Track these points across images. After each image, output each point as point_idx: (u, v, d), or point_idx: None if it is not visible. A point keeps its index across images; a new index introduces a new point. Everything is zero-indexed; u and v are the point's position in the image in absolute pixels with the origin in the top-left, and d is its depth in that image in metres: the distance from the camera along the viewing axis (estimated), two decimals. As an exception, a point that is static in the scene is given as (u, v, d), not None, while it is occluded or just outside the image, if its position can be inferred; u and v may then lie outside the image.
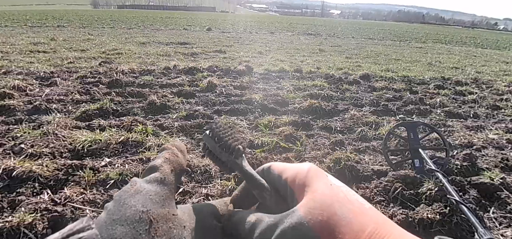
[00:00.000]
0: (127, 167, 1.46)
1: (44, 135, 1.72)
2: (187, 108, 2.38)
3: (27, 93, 2.55)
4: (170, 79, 3.31)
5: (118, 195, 0.27)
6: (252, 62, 4.65)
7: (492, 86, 3.85)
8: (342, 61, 5.61)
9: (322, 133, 2.07)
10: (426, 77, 4.30)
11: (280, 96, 2.83)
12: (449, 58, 6.95)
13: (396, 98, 3.06)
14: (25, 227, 1.00)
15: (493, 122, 2.52)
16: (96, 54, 4.74)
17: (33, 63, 3.76)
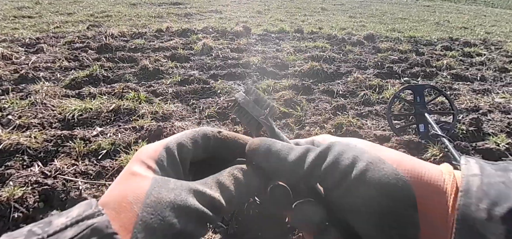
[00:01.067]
0: (120, 136, 1.40)
1: (32, 105, 1.64)
2: (182, 73, 2.26)
3: (13, 61, 2.41)
4: (162, 42, 3.13)
5: None
6: (250, 23, 4.39)
7: (501, 47, 3.67)
8: (346, 20, 5.31)
9: (323, 97, 1.99)
10: (433, 37, 4.09)
11: (280, 58, 2.69)
12: (457, 18, 6.59)
13: (401, 60, 2.92)
14: (15, 202, 0.97)
15: (501, 85, 2.42)
16: (83, 17, 4.46)
17: (18, 29, 3.54)
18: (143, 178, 0.22)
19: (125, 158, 1.22)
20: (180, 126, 1.48)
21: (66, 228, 0.17)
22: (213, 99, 1.88)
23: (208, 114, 1.67)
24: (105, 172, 1.17)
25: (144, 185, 0.21)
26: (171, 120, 1.60)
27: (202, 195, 0.22)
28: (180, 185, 0.22)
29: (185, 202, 0.21)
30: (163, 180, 0.22)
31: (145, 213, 0.19)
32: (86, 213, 0.18)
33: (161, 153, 0.24)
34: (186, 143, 0.26)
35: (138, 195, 0.20)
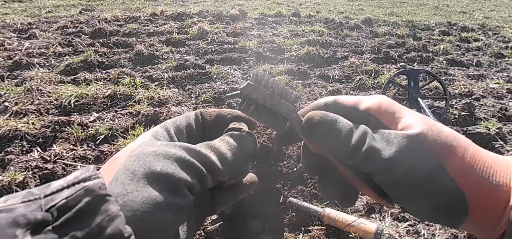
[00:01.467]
0: (117, 121, 1.42)
1: (28, 92, 1.64)
2: (177, 58, 2.25)
3: (5, 48, 2.37)
4: (157, 26, 3.08)
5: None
6: (246, 6, 4.31)
7: (499, 32, 3.66)
8: (344, 3, 5.23)
9: (319, 82, 2.00)
10: (431, 22, 4.06)
11: (276, 43, 2.67)
12: (457, 2, 6.51)
13: (398, 44, 2.91)
14: (16, 186, 0.99)
15: (495, 71, 2.44)
16: (75, 1, 4.35)
17: (9, 14, 3.46)
18: (135, 142, 0.23)
19: (123, 143, 1.24)
20: (177, 111, 1.50)
21: (62, 189, 0.17)
22: (209, 84, 1.88)
23: (204, 99, 1.68)
24: (104, 156, 1.19)
25: (132, 144, 0.22)
26: (167, 105, 1.61)
27: (188, 149, 0.22)
28: (166, 143, 0.22)
29: (167, 151, 0.21)
30: (152, 141, 0.23)
31: (127, 162, 0.20)
32: (83, 176, 0.18)
33: (157, 129, 0.25)
34: (179, 121, 0.28)
35: (125, 151, 0.21)
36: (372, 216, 1.00)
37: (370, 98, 0.28)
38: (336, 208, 0.99)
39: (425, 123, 0.24)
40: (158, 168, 0.20)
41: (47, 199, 0.17)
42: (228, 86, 1.83)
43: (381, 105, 0.27)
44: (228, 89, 1.78)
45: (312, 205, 0.98)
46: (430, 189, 0.22)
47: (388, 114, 0.26)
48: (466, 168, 0.22)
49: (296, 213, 0.97)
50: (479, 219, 0.22)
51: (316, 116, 0.26)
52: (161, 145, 0.22)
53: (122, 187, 0.19)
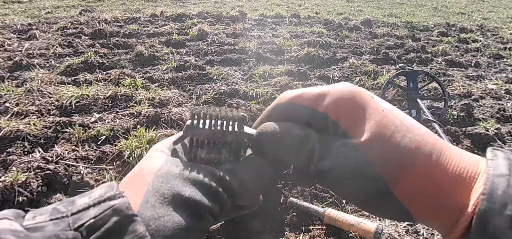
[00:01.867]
0: (118, 122, 1.42)
1: (29, 92, 1.64)
2: (177, 59, 2.26)
3: (6, 49, 2.37)
4: (157, 27, 3.08)
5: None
6: (246, 7, 4.33)
7: (497, 33, 3.68)
8: (343, 5, 5.25)
9: (319, 83, 2.01)
10: (430, 23, 4.08)
11: (276, 44, 2.68)
12: (455, 3, 6.54)
13: (397, 45, 2.93)
14: (19, 186, 1.00)
15: (494, 71, 2.46)
16: (75, 2, 4.35)
17: (8, 15, 3.45)
18: (156, 158, 0.23)
19: (125, 143, 1.24)
20: (177, 112, 1.50)
21: (88, 208, 0.18)
22: (210, 85, 1.89)
23: (204, 100, 1.69)
24: (105, 157, 1.20)
25: (157, 162, 0.22)
26: (168, 106, 1.62)
27: (211, 173, 0.22)
28: (191, 164, 0.23)
29: (193, 176, 0.22)
30: (175, 160, 0.23)
31: (156, 182, 0.20)
32: (108, 195, 0.18)
33: (175, 141, 0.25)
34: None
35: (151, 168, 0.22)
36: (371, 216, 1.01)
37: (333, 92, 0.24)
38: (337, 208, 1.00)
39: (377, 131, 0.21)
40: (186, 193, 0.20)
41: (74, 218, 0.17)
42: (229, 87, 1.84)
43: (341, 105, 0.23)
44: (228, 90, 1.79)
45: (312, 205, 0.99)
46: (373, 204, 0.22)
47: (347, 116, 0.23)
48: (417, 191, 0.20)
49: (297, 212, 0.98)
50: (430, 225, 0.21)
51: (264, 131, 0.25)
52: (187, 166, 0.22)
53: (153, 211, 0.19)
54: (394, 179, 0.20)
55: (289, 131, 0.24)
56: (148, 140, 1.27)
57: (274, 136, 0.25)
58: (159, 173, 0.21)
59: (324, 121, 0.24)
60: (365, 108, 0.23)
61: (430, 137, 0.21)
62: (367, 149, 0.21)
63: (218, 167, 0.24)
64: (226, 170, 0.24)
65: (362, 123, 0.22)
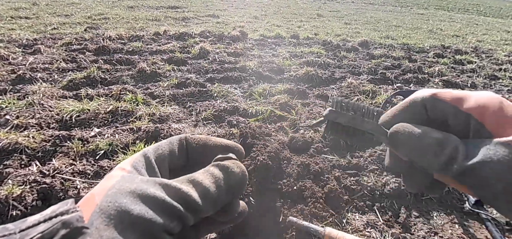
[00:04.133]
0: (117, 137, 1.42)
1: (30, 106, 1.65)
2: (179, 76, 2.29)
3: (10, 62, 2.41)
4: (160, 45, 3.16)
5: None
6: (247, 28, 4.45)
7: (492, 55, 3.78)
8: (341, 27, 5.41)
9: (317, 102, 2.04)
10: (426, 45, 4.19)
11: (276, 63, 2.74)
12: (450, 26, 6.75)
13: (394, 66, 2.99)
14: (14, 200, 0.98)
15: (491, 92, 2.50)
16: (81, 19, 4.47)
17: (15, 30, 3.54)
18: (113, 177, 0.21)
19: (123, 159, 1.24)
20: (177, 128, 1.51)
21: (38, 224, 0.17)
22: (210, 102, 1.91)
23: (204, 117, 1.70)
24: (103, 172, 1.19)
25: (111, 181, 0.21)
26: (168, 122, 1.62)
27: (168, 187, 0.21)
28: (146, 179, 0.21)
29: (145, 191, 0.20)
30: (131, 176, 0.21)
31: (104, 202, 0.19)
32: (60, 210, 0.18)
33: (138, 158, 0.24)
34: (162, 147, 0.26)
35: (102, 189, 0.20)
36: (372, 236, 0.99)
37: (476, 96, 0.24)
38: (337, 228, 0.99)
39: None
40: (134, 212, 0.19)
41: (22, 234, 0.16)
42: (229, 104, 1.85)
43: (486, 108, 0.23)
44: (228, 107, 1.81)
45: (312, 224, 0.97)
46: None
47: (494, 119, 0.22)
48: None
49: (296, 232, 0.96)
50: None
51: (400, 131, 0.25)
52: (141, 182, 0.20)
53: (97, 234, 0.17)
54: None
55: (427, 134, 0.24)
56: (146, 155, 1.26)
57: (410, 137, 0.24)
58: (109, 193, 0.19)
59: (465, 121, 0.24)
60: (510, 113, 0.22)
61: None
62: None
63: (174, 177, 0.23)
64: (185, 179, 0.22)
65: (507, 127, 0.22)
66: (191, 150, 0.28)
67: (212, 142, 0.28)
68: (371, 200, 1.15)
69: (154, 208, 0.19)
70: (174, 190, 0.21)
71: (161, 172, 0.25)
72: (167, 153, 0.26)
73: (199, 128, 1.59)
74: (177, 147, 0.27)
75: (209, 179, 0.23)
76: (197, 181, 0.22)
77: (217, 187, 0.23)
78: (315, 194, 1.07)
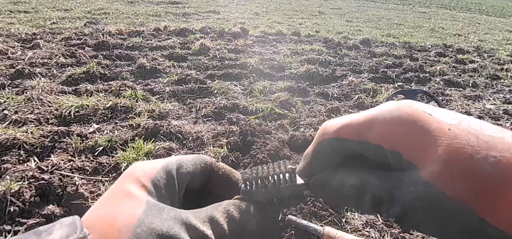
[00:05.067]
0: (117, 133, 1.41)
1: (29, 101, 1.64)
2: (179, 72, 2.28)
3: (8, 57, 2.40)
4: (160, 41, 3.14)
5: None
6: (247, 24, 4.43)
7: (494, 55, 3.76)
8: (342, 24, 5.38)
9: (318, 100, 2.02)
10: (427, 43, 4.17)
11: (276, 60, 2.72)
12: (452, 25, 6.71)
13: (396, 64, 2.97)
14: (12, 195, 0.98)
15: (492, 92, 2.49)
16: (81, 14, 4.44)
17: (14, 24, 3.51)
18: (136, 201, 0.20)
19: (122, 155, 1.23)
20: (177, 125, 1.50)
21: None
22: (210, 99, 1.90)
23: (204, 114, 1.69)
24: (102, 168, 1.18)
25: (136, 212, 0.19)
26: (167, 118, 1.61)
27: (194, 229, 0.20)
28: (174, 215, 0.20)
29: (177, 236, 0.19)
30: (158, 208, 0.20)
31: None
32: (70, 238, 0.16)
33: (159, 173, 0.22)
34: (186, 165, 0.24)
35: (128, 222, 0.18)
36: (372, 236, 0.99)
37: (380, 121, 0.21)
38: (336, 227, 0.98)
39: (450, 158, 0.17)
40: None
41: None
42: (229, 101, 1.84)
43: (394, 134, 0.20)
44: (228, 104, 1.80)
45: (311, 223, 0.97)
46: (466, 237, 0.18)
47: (407, 144, 0.19)
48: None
49: (295, 231, 0.96)
50: None
51: (317, 186, 0.24)
52: (169, 220, 0.20)
53: None
54: (489, 209, 0.16)
55: (343, 183, 0.22)
56: (146, 152, 1.26)
57: (328, 190, 0.23)
58: (138, 231, 0.18)
59: (380, 153, 0.21)
60: (427, 131, 0.19)
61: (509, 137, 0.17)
62: (443, 183, 0.17)
63: (187, 196, 0.23)
64: (206, 218, 0.22)
65: (428, 149, 0.18)
66: (213, 178, 0.27)
67: (235, 178, 0.28)
68: (371, 200, 1.15)
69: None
70: (199, 234, 0.21)
71: (179, 191, 0.24)
72: (190, 174, 0.25)
73: (199, 125, 1.58)
74: (200, 170, 0.26)
75: (227, 223, 0.23)
76: (218, 223, 0.22)
77: (232, 231, 0.23)
78: (315, 193, 1.07)
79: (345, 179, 0.22)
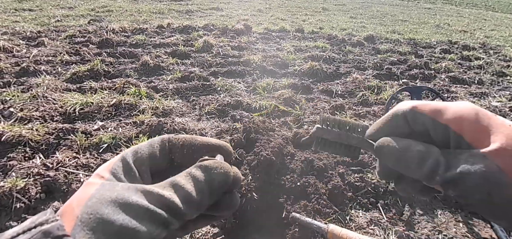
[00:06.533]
0: (121, 130, 1.42)
1: (34, 98, 1.66)
2: (182, 70, 2.28)
3: (14, 54, 2.42)
4: (163, 38, 3.14)
5: None
6: (251, 21, 4.40)
7: (500, 52, 3.70)
8: (346, 21, 5.33)
9: (322, 97, 2.01)
10: (433, 40, 4.12)
11: (280, 57, 2.71)
12: (458, 21, 6.62)
13: (400, 61, 2.94)
14: (17, 192, 0.99)
15: (498, 89, 2.45)
16: (84, 12, 4.46)
17: (19, 22, 3.54)
18: (91, 186, 0.21)
19: (126, 152, 1.24)
20: (180, 122, 1.50)
21: (17, 236, 0.16)
22: (213, 96, 1.90)
23: (208, 111, 1.69)
24: (106, 165, 1.19)
25: (89, 190, 0.20)
26: (171, 115, 1.62)
27: (150, 194, 0.20)
28: (127, 186, 0.20)
29: (127, 199, 0.19)
30: (111, 184, 0.21)
31: (84, 214, 0.18)
32: (40, 220, 0.17)
33: (116, 163, 0.23)
34: (141, 150, 0.25)
35: (81, 199, 0.19)
36: (376, 234, 0.98)
37: (454, 108, 0.25)
38: (340, 225, 0.98)
39: (508, 142, 0.21)
40: (117, 222, 0.18)
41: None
42: (232, 98, 1.84)
43: (463, 120, 0.24)
44: (231, 101, 1.79)
45: (315, 221, 0.96)
46: (503, 211, 0.21)
47: (471, 130, 0.23)
48: None
49: (299, 228, 0.95)
50: None
51: (385, 145, 0.27)
52: (121, 190, 0.20)
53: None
54: None
55: (409, 147, 0.25)
56: (149, 149, 1.26)
57: (394, 151, 0.26)
58: (89, 203, 0.19)
59: (444, 133, 0.25)
60: (490, 123, 0.23)
61: None
62: (499, 158, 0.21)
63: (158, 180, 0.23)
64: (167, 184, 0.22)
65: (487, 137, 0.23)
66: (175, 151, 0.27)
67: (198, 142, 0.28)
68: (375, 197, 1.14)
69: (137, 217, 0.19)
70: (156, 197, 0.20)
71: (142, 176, 0.24)
72: (147, 155, 0.25)
73: (202, 122, 1.58)
74: (159, 149, 0.26)
75: (191, 183, 0.23)
76: (179, 185, 0.22)
77: (199, 190, 0.23)
78: (319, 190, 1.06)
79: (412, 145, 0.26)
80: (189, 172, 0.24)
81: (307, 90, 2.10)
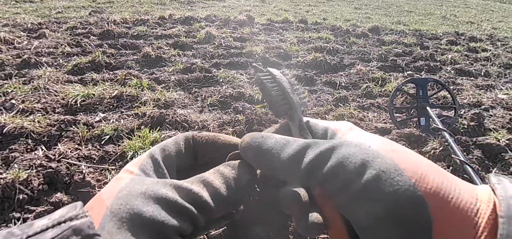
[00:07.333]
0: (123, 122, 1.41)
1: (35, 90, 1.65)
2: (184, 61, 2.26)
3: (15, 46, 2.41)
4: (165, 29, 3.10)
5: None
6: (253, 12, 4.34)
7: (507, 43, 3.62)
8: (351, 11, 5.23)
9: (325, 89, 1.99)
10: (439, 31, 4.03)
11: (283, 48, 2.67)
12: (465, 12, 6.47)
13: (405, 53, 2.89)
14: (20, 184, 0.99)
15: (505, 81, 2.40)
16: (85, 3, 4.42)
17: (20, 14, 3.52)
18: (121, 180, 0.21)
19: (128, 144, 1.23)
20: (182, 114, 1.49)
21: (47, 229, 0.16)
22: (216, 87, 1.88)
23: (210, 103, 1.67)
24: (108, 157, 1.19)
25: (120, 184, 0.20)
26: (173, 107, 1.61)
27: (179, 188, 0.20)
28: (156, 181, 0.20)
29: (157, 192, 0.19)
30: (141, 178, 0.21)
31: (115, 205, 0.18)
32: (69, 215, 0.17)
33: (145, 160, 0.23)
34: (168, 147, 0.25)
35: (112, 191, 0.20)
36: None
37: (336, 123, 0.27)
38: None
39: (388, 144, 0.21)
40: (147, 214, 0.18)
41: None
42: (234, 90, 1.82)
43: (339, 127, 0.26)
44: (234, 93, 1.78)
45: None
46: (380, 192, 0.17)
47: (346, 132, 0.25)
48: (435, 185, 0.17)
49: (302, 221, 0.95)
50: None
51: (246, 137, 0.25)
52: (151, 184, 0.20)
53: (109, 237, 0.17)
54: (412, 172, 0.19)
55: (270, 134, 0.26)
56: (151, 141, 1.25)
57: (254, 141, 0.26)
58: (119, 195, 0.19)
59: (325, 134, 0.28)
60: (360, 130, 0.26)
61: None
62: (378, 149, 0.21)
63: (183, 177, 0.23)
64: (195, 180, 0.21)
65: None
66: (199, 149, 0.27)
67: (221, 140, 0.28)
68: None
69: (166, 210, 0.19)
70: (185, 191, 0.20)
71: (169, 173, 0.24)
72: (174, 153, 0.26)
73: (204, 114, 1.57)
74: (184, 146, 0.26)
75: (220, 180, 0.23)
76: (208, 181, 0.22)
77: (228, 187, 0.23)
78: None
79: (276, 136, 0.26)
80: (218, 169, 0.24)
81: (311, 81, 2.07)
